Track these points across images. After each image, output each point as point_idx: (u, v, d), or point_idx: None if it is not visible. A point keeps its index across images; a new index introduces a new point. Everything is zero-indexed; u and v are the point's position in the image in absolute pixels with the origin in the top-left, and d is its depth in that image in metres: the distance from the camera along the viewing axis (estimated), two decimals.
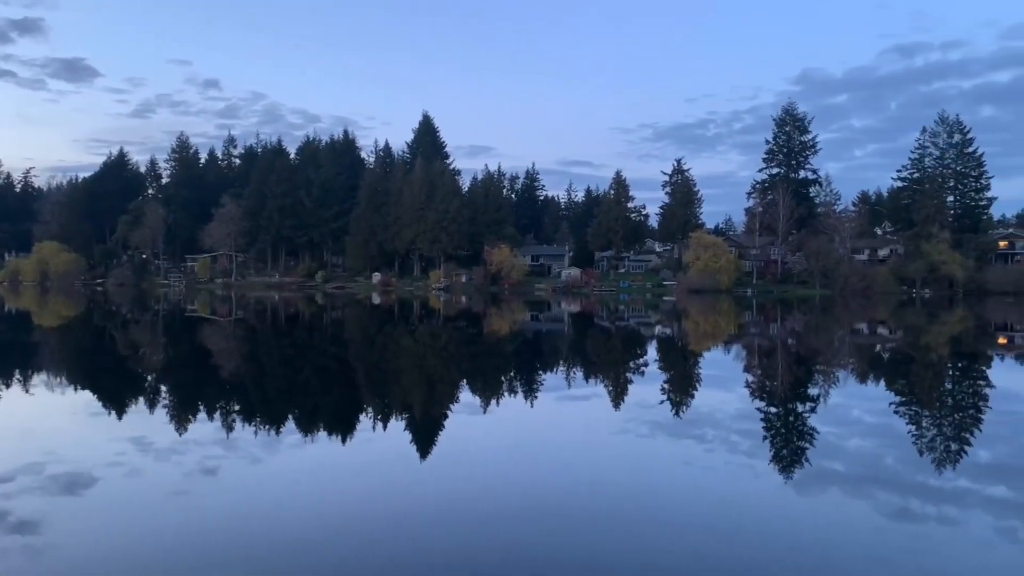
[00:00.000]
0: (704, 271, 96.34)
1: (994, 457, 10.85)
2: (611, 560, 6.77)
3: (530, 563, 6.73)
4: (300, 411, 14.50)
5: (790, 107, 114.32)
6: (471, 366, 23.47)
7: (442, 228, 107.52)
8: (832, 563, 6.87)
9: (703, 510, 8.44)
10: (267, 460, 10.29)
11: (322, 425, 12.91)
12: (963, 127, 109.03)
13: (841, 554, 7.09)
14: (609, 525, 7.79)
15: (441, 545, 7.13)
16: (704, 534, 7.58)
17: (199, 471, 9.62)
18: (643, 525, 7.83)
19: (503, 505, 8.46)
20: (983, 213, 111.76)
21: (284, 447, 11.05)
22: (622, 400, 16.36)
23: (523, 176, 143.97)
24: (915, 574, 6.60)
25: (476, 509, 8.31)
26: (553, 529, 7.60)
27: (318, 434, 12.13)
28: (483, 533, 7.51)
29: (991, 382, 20.22)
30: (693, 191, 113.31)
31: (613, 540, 7.31)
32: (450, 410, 14.70)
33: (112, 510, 8.15)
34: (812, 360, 26.47)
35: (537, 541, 7.26)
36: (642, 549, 7.08)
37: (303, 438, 11.71)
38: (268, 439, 11.54)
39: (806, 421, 13.96)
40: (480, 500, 8.65)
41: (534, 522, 7.84)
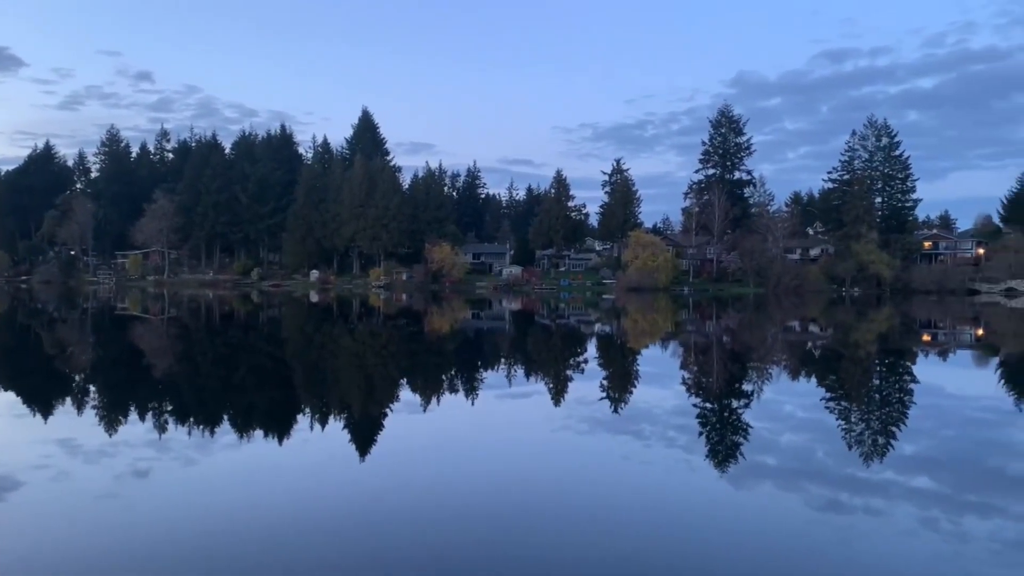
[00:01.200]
0: (642, 270, 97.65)
1: (918, 450, 11.27)
2: (550, 554, 6.82)
3: (467, 559, 6.73)
4: (235, 412, 14.21)
5: (726, 109, 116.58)
6: (411, 365, 23.34)
7: (382, 225, 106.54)
8: (766, 554, 7.04)
9: (641, 504, 8.56)
10: (201, 461, 10.06)
11: (258, 426, 12.67)
12: (890, 131, 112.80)
13: (775, 545, 7.28)
14: (548, 520, 7.84)
15: (378, 544, 7.08)
16: (642, 527, 7.69)
17: (130, 473, 9.35)
18: (582, 519, 7.90)
19: (442, 503, 8.44)
20: (909, 214, 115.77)
21: (218, 448, 10.82)
22: (562, 397, 16.47)
23: (464, 174, 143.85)
24: (845, 563, 6.82)
25: (414, 508, 8.27)
26: (490, 526, 7.62)
27: (254, 435, 11.91)
28: (421, 532, 7.48)
29: (915, 378, 21.00)
30: (632, 191, 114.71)
31: (552, 535, 7.36)
32: (389, 409, 14.59)
33: (38, 514, 7.86)
34: (746, 357, 27.08)
35: (475, 537, 7.26)
36: (581, 543, 7.15)
37: (238, 439, 11.48)
38: (202, 440, 11.29)
39: (741, 416, 14.28)
40: (418, 499, 8.61)
41: (472, 519, 7.84)
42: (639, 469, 10.05)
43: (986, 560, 6.76)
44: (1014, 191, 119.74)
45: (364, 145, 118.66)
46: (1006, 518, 7.98)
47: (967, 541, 7.26)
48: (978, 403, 16.23)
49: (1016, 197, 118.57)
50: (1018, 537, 7.35)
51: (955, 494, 8.87)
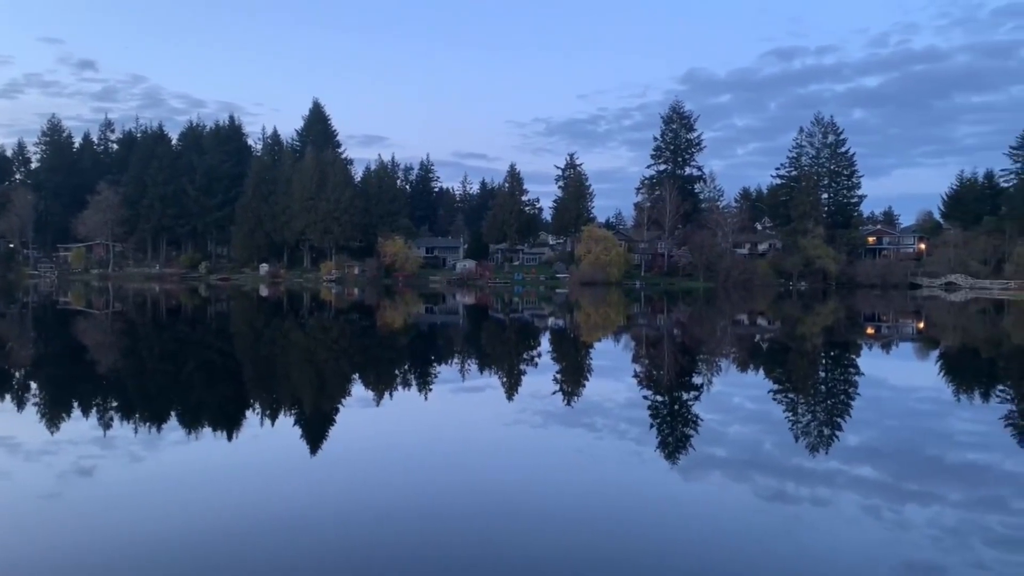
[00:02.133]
0: (595, 264, 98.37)
1: (861, 440, 11.57)
2: (503, 547, 6.84)
3: (420, 554, 6.71)
4: (183, 409, 13.94)
5: (677, 106, 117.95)
6: (364, 360, 23.16)
7: (334, 218, 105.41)
8: (716, 543, 7.16)
9: (594, 496, 8.62)
10: (148, 459, 9.85)
11: (207, 423, 12.44)
12: (836, 128, 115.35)
13: (724, 534, 7.41)
14: (501, 513, 7.86)
15: (331, 542, 7.01)
16: (594, 519, 7.75)
17: (73, 472, 9.11)
18: (536, 512, 7.94)
19: (394, 499, 8.40)
20: (854, 210, 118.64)
21: (166, 446, 10.59)
22: (516, 391, 16.51)
23: (418, 167, 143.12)
24: (792, 551, 6.97)
25: (366, 505, 8.21)
26: (443, 520, 7.60)
27: (202, 432, 11.69)
28: (374, 528, 7.44)
29: (859, 370, 21.54)
30: (585, 185, 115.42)
31: (505, 528, 7.38)
32: (341, 405, 14.47)
33: None
34: (696, 350, 27.48)
35: (428, 532, 7.24)
36: (535, 536, 7.18)
37: (186, 437, 11.26)
38: (149, 437, 11.05)
39: (691, 408, 14.49)
40: (370, 495, 8.55)
41: (425, 513, 7.82)
42: (592, 462, 10.12)
43: (925, 546, 6.97)
44: (954, 188, 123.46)
45: (315, 137, 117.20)
46: (944, 505, 8.24)
47: (907, 528, 7.48)
48: (919, 394, 16.72)
49: (956, 194, 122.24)
50: (955, 523, 7.59)
51: (896, 483, 9.12)
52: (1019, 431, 12.71)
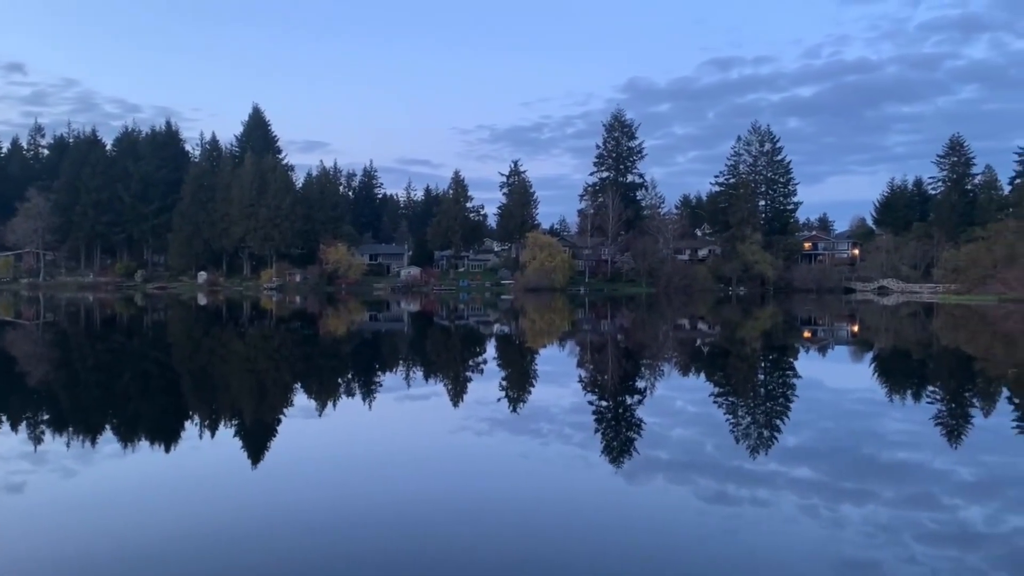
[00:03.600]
0: (540, 270, 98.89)
1: (799, 441, 11.85)
2: (450, 555, 6.80)
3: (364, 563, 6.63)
4: (118, 422, 13.53)
5: (619, 114, 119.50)
6: (306, 369, 22.81)
7: (274, 225, 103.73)
8: (659, 544, 7.25)
9: (539, 500, 8.65)
10: (82, 473, 9.53)
11: (143, 436, 12.09)
12: (773, 137, 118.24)
13: (667, 536, 7.51)
14: (447, 520, 7.82)
15: (270, 555, 6.89)
16: (540, 523, 7.77)
17: (2, 488, 8.76)
18: (483, 517, 7.93)
19: (336, 509, 8.29)
20: (790, 216, 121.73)
21: (100, 459, 10.27)
22: (461, 398, 16.47)
23: (361, 173, 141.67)
24: (732, 551, 7.10)
25: (308, 516, 8.08)
26: (386, 528, 7.54)
27: (139, 444, 11.36)
28: (316, 539, 7.32)
29: (797, 372, 22.07)
30: (529, 192, 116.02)
31: (450, 534, 7.35)
32: (283, 415, 14.23)
33: None
34: (639, 355, 27.81)
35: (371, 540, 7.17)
36: (481, 540, 7.16)
37: (122, 449, 10.93)
38: (82, 451, 10.69)
39: (634, 413, 14.65)
40: (313, 506, 8.42)
41: (369, 522, 7.74)
42: (537, 467, 10.16)
43: (860, 543, 7.17)
44: (885, 195, 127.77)
45: (255, 143, 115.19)
46: (878, 503, 8.49)
47: (843, 526, 7.68)
48: (853, 396, 17.20)
49: (887, 201, 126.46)
50: (889, 520, 7.83)
51: (833, 482, 9.37)
52: (948, 430, 13.17)
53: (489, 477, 9.80)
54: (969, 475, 9.80)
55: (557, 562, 6.77)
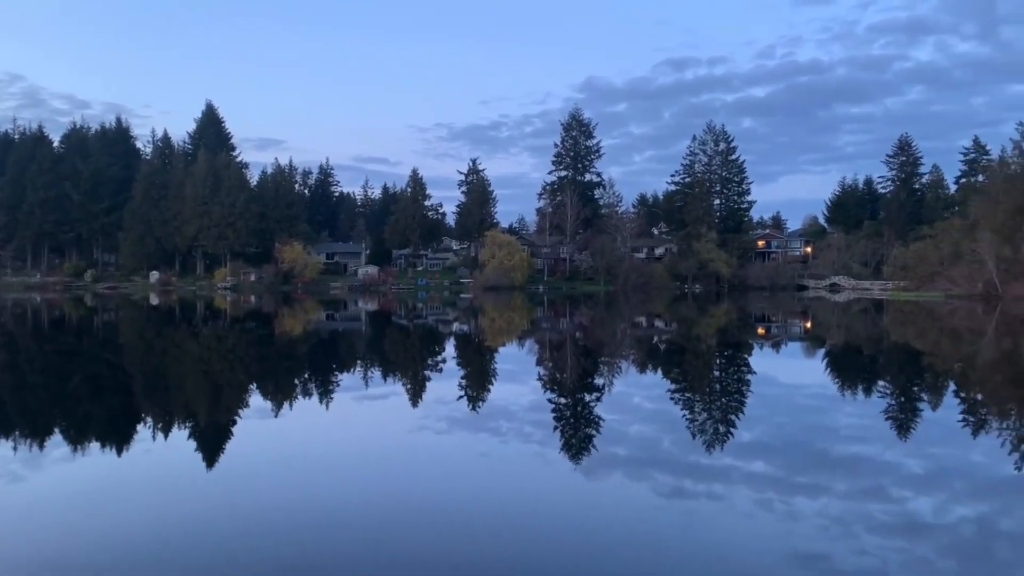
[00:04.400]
0: (499, 269, 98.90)
1: (754, 437, 12.03)
2: (411, 553, 6.77)
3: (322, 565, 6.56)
4: (67, 424, 13.19)
5: (576, 113, 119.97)
6: (261, 369, 22.51)
7: (228, 224, 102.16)
8: (616, 540, 7.30)
9: (498, 498, 8.65)
10: (30, 478, 9.27)
11: (93, 439, 11.81)
12: (727, 136, 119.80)
13: (624, 532, 7.56)
14: (408, 518, 7.78)
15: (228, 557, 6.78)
16: (499, 520, 7.78)
17: None
18: (441, 515, 7.89)
19: (294, 511, 8.19)
20: (745, 215, 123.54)
21: (49, 464, 10.00)
22: (420, 398, 16.41)
23: (317, 171, 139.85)
24: (688, 546, 7.18)
25: (265, 517, 7.97)
26: (346, 529, 7.47)
27: (88, 448, 11.09)
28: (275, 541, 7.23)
29: (752, 368, 22.42)
30: (488, 191, 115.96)
31: (409, 533, 7.31)
32: (238, 417, 14.01)
33: None
34: (598, 352, 27.99)
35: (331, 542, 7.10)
36: (440, 539, 7.14)
37: (71, 453, 10.65)
38: (31, 455, 10.40)
39: (592, 410, 14.74)
40: (270, 508, 8.31)
41: (327, 524, 7.66)
42: (496, 465, 10.16)
43: (814, 536, 7.30)
44: (836, 194, 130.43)
45: (208, 140, 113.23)
46: (830, 496, 8.66)
47: (797, 519, 7.82)
48: (807, 391, 17.53)
49: (838, 200, 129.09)
50: (841, 513, 7.99)
51: (787, 476, 9.53)
52: (897, 424, 13.49)
53: (448, 476, 9.77)
54: (918, 467, 10.05)
55: (517, 560, 6.77)
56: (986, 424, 13.71)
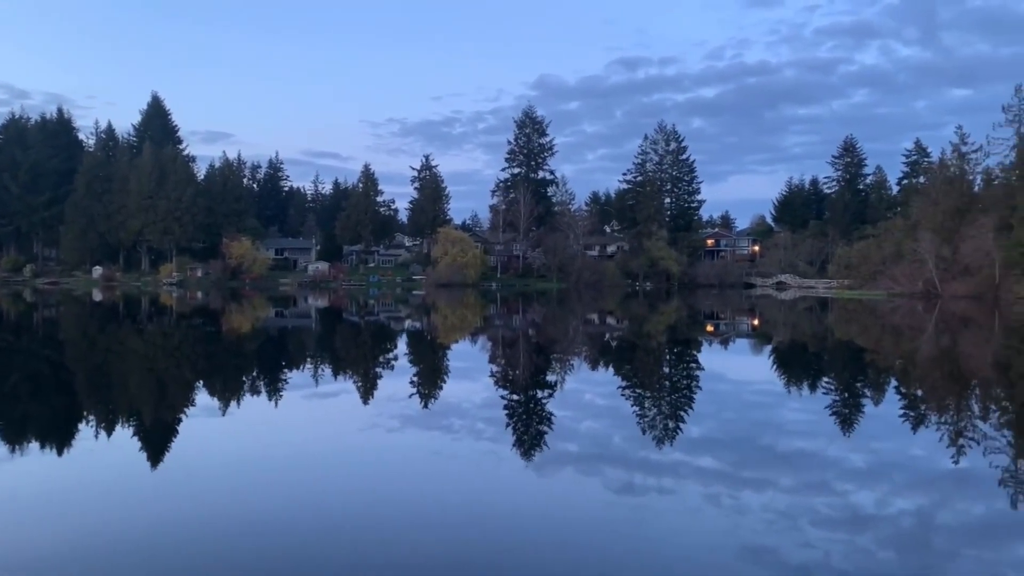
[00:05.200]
0: (452, 265, 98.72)
1: (703, 432, 12.21)
2: (359, 553, 6.71)
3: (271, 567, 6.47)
4: (4, 424, 12.76)
5: (529, 111, 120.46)
6: (208, 367, 22.10)
7: (174, 218, 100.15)
8: (568, 536, 7.33)
9: (451, 495, 8.62)
10: None
11: (31, 439, 11.45)
12: (678, 136, 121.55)
13: (576, 527, 7.60)
14: (358, 517, 7.71)
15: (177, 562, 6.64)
16: (451, 517, 7.75)
17: None
18: (392, 514, 7.84)
19: (244, 513, 8.05)
20: (694, 214, 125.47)
21: None
22: (371, 395, 16.28)
23: (266, 165, 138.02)
24: (639, 541, 7.25)
25: (215, 521, 7.82)
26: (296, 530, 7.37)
27: (27, 448, 10.75)
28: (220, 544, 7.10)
29: (701, 365, 22.74)
30: (441, 187, 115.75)
31: (361, 532, 7.25)
32: (184, 416, 13.71)
33: None
34: (550, 349, 28.10)
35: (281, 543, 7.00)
36: (391, 537, 7.09)
37: (10, 454, 10.31)
38: None
39: (545, 407, 14.79)
40: (220, 511, 8.16)
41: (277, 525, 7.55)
42: (448, 463, 10.13)
43: (760, 530, 7.44)
44: (784, 194, 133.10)
45: (154, 132, 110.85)
46: (777, 490, 8.83)
47: (744, 513, 7.96)
48: (754, 387, 17.84)
49: (785, 200, 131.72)
50: (787, 508, 8.15)
51: (734, 471, 9.69)
52: (841, 419, 13.82)
53: (400, 474, 9.70)
54: (860, 461, 10.31)
55: (469, 556, 6.76)
56: (925, 419, 14.13)
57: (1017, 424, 13.70)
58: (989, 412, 15.08)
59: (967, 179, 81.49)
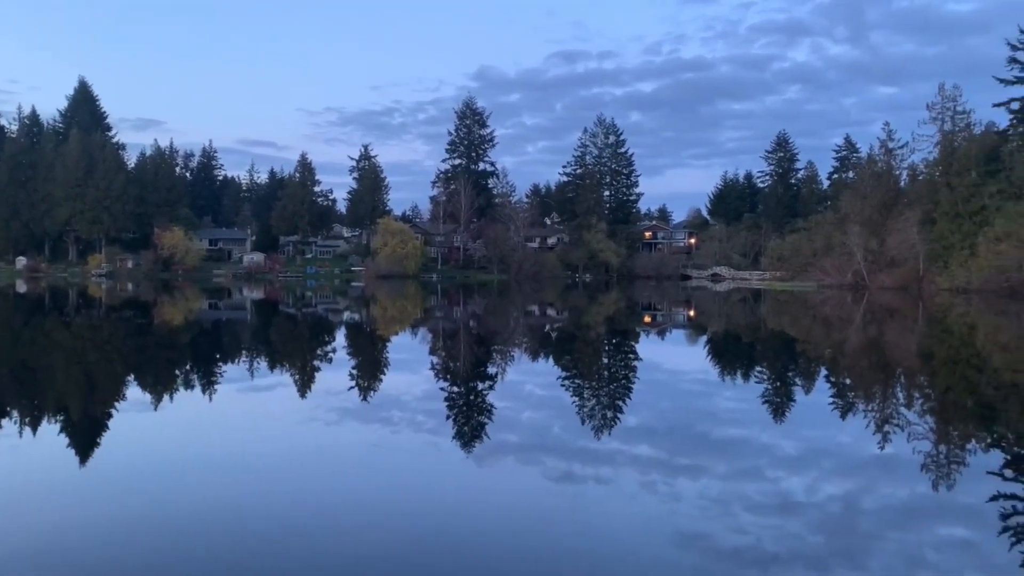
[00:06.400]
0: (392, 257, 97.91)
1: (640, 421, 12.42)
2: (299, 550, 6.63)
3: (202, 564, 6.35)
4: None
5: (470, 102, 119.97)
6: (139, 361, 21.49)
7: (104, 208, 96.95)
8: (509, 526, 7.39)
9: (390, 487, 8.59)
10: None
11: None
12: (617, 130, 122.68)
13: (517, 517, 7.66)
14: (295, 512, 7.61)
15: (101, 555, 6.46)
16: (391, 511, 7.72)
17: None
18: (333, 508, 7.77)
19: (175, 507, 7.86)
20: (633, 207, 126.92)
21: None
22: (309, 388, 16.07)
23: (199, 154, 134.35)
24: (577, 528, 7.33)
25: (142, 515, 7.63)
26: (233, 525, 7.25)
27: None
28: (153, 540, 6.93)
29: (639, 355, 23.09)
30: (380, 177, 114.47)
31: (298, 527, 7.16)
32: (114, 410, 13.30)
33: None
34: (491, 341, 28.16)
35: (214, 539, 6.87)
36: (330, 531, 7.02)
37: None
38: None
39: (485, 398, 14.83)
40: (149, 505, 7.95)
41: (211, 521, 7.41)
42: (388, 455, 10.08)
43: (695, 516, 7.61)
44: (719, 188, 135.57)
45: (81, 119, 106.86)
46: (711, 477, 9.04)
47: (680, 500, 8.12)
48: (690, 376, 18.20)
49: (720, 193, 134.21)
50: (720, 493, 8.35)
51: (670, 459, 9.88)
52: (773, 407, 14.20)
53: (338, 468, 9.62)
54: (791, 448, 10.62)
55: (408, 547, 6.74)
56: (853, 407, 14.63)
57: (939, 411, 14.30)
58: (913, 400, 15.70)
59: (894, 174, 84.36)
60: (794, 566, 6.36)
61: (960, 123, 74.87)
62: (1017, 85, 67.62)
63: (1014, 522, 7.48)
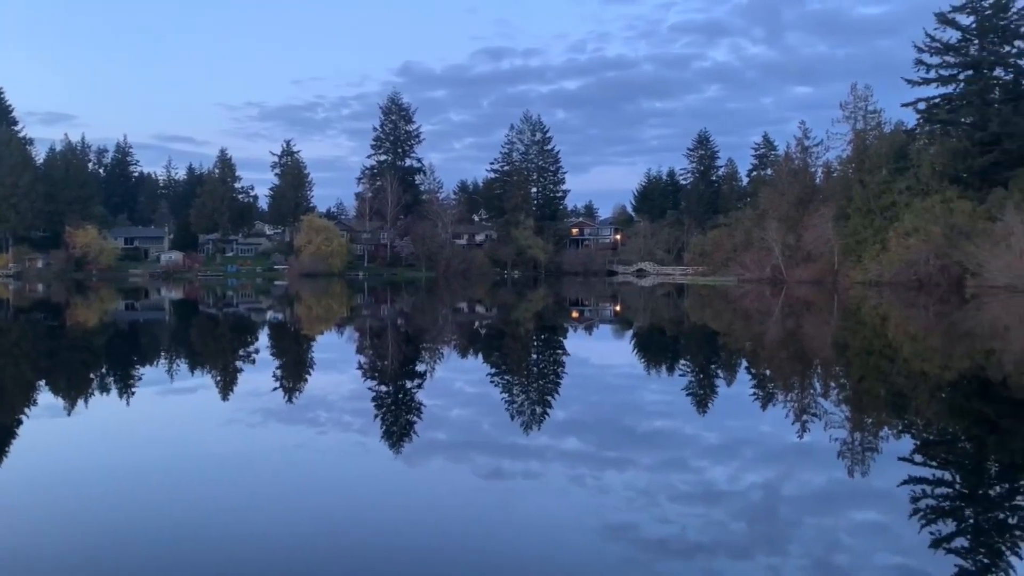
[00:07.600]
0: (316, 255, 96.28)
1: (568, 416, 12.52)
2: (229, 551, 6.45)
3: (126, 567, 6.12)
4: None
5: (395, 97, 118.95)
6: (50, 364, 20.57)
7: (10, 205, 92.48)
8: (436, 525, 7.32)
9: (317, 488, 8.42)
10: None
11: None
12: (543, 127, 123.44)
13: (445, 515, 7.61)
14: (219, 516, 7.40)
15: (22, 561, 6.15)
16: (317, 513, 7.57)
17: None
18: (257, 512, 7.57)
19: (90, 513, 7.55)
20: (560, 204, 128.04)
21: None
22: (231, 390, 15.66)
23: (114, 150, 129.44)
24: (506, 524, 7.35)
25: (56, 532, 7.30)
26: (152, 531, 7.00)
27: None
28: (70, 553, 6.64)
29: (566, 350, 23.29)
30: (304, 174, 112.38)
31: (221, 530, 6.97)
32: (23, 416, 12.68)
33: None
34: (419, 339, 27.98)
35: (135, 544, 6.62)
36: (257, 536, 6.85)
37: None
38: None
39: (414, 396, 14.73)
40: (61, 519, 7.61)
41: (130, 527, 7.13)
42: (314, 456, 9.89)
43: (622, 507, 7.70)
44: (643, 185, 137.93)
45: None
46: (637, 469, 9.17)
47: (607, 492, 8.21)
48: (616, 370, 18.46)
49: (644, 190, 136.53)
50: (646, 485, 8.48)
51: (598, 452, 9.99)
52: (696, 399, 14.52)
53: (262, 470, 9.38)
54: (714, 439, 10.87)
55: (336, 549, 6.63)
56: (773, 397, 15.07)
57: (854, 400, 14.86)
58: (829, 389, 16.27)
59: (809, 171, 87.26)
60: (718, 553, 6.50)
61: (871, 122, 77.99)
62: (924, 86, 70.91)
63: (923, 504, 7.82)
